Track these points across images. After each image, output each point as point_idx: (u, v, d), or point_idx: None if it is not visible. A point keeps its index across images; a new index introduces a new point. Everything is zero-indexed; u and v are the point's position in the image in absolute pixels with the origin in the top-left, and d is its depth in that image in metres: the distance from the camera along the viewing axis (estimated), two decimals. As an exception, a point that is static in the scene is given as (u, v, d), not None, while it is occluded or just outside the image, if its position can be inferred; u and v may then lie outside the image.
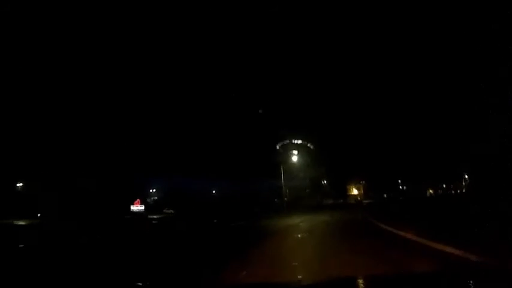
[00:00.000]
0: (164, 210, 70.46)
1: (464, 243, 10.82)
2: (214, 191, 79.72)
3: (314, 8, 58.33)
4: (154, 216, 59.08)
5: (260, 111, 55.11)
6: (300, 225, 27.17)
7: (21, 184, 54.62)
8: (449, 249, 11.04)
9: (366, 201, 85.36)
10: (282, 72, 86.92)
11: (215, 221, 38.38)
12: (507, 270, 6.38)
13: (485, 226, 14.22)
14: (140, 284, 7.89)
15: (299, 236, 20.00)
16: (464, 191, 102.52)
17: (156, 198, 78.82)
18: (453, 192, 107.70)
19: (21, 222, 40.52)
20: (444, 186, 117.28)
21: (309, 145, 76.83)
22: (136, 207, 55.86)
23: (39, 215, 49.28)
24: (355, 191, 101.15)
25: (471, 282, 3.60)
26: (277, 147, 73.22)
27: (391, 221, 21.14)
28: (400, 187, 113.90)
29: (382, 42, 71.49)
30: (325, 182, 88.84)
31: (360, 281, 4.34)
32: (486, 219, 16.02)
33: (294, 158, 72.88)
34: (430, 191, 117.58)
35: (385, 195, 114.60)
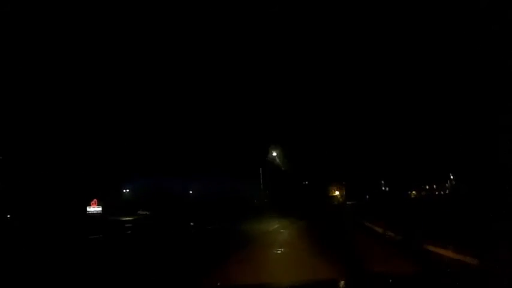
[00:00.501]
0: (139, 212, 67.28)
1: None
2: (191, 191, 76.84)
3: (314, 8, 56.55)
4: (128, 218, 55.29)
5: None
6: (281, 233, 22.74)
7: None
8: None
9: (350, 203, 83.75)
10: (271, 72, 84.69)
11: (192, 223, 35.20)
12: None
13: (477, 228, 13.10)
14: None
15: (278, 251, 14.72)
16: (447, 192, 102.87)
17: (130, 198, 75.11)
18: (436, 193, 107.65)
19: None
20: (427, 187, 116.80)
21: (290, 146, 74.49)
22: (93, 209, 50.37)
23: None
24: (336, 192, 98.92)
25: None
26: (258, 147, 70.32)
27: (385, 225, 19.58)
28: (383, 188, 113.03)
29: (368, 45, 70.67)
30: (306, 182, 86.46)
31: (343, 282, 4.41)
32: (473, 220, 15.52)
33: (276, 159, 70.08)
34: (414, 192, 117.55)
35: (367, 197, 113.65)
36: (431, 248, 11.84)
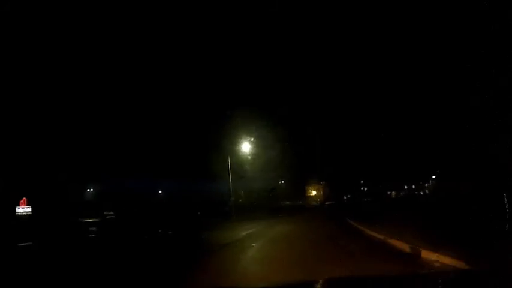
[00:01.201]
0: (105, 213, 63.05)
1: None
2: (160, 191, 72.06)
3: (313, 9, 55.33)
4: (90, 220, 50.92)
5: (228, 112, 49.11)
6: (248, 249, 14.66)
7: None
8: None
9: (328, 203, 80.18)
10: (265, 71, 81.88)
11: (160, 230, 30.70)
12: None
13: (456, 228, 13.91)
14: None
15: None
16: (427, 192, 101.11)
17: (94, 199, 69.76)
18: (416, 193, 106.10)
19: None
20: (406, 187, 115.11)
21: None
22: (22, 209, 43.40)
23: None
24: (314, 192, 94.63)
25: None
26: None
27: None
28: (362, 188, 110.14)
29: (358, 46, 72.58)
30: (282, 182, 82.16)
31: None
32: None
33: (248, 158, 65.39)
34: (393, 192, 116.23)
35: (345, 197, 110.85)
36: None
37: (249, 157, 50.74)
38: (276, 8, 44.80)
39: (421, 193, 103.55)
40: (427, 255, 9.97)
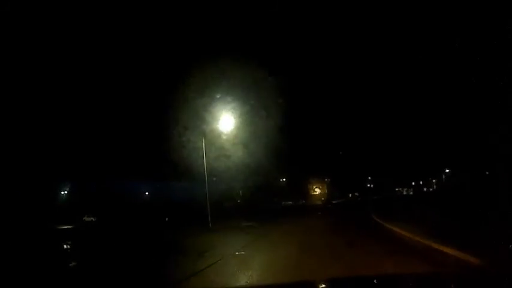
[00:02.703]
0: (84, 218, 56.28)
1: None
2: (147, 193, 64.45)
3: (313, 9, 52.09)
4: (66, 227, 46.13)
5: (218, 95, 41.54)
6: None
7: None
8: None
9: (334, 202, 72.92)
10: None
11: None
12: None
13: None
14: None
15: None
16: (435, 188, 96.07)
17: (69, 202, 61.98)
18: (425, 189, 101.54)
19: None
20: (413, 184, 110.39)
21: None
22: None
23: None
24: (317, 191, 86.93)
25: None
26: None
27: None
28: (368, 185, 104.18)
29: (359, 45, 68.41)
30: (283, 180, 74.40)
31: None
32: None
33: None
34: (405, 188, 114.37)
35: (350, 195, 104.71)
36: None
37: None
38: (276, 8, 42.39)
39: (430, 189, 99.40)
40: None
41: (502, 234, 9.85)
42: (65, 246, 23.76)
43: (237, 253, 13.69)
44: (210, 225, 29.56)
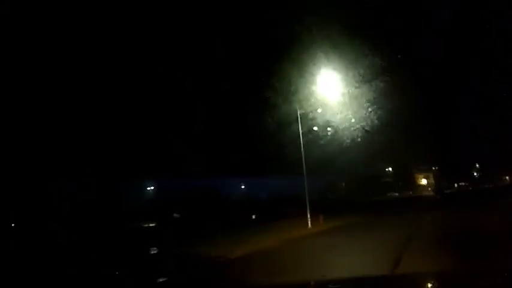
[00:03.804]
0: (174, 215, 54.49)
1: None
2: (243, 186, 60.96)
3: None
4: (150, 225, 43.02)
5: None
6: None
7: None
8: None
9: (447, 192, 65.81)
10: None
11: None
12: None
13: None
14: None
15: None
16: None
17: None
18: None
19: None
20: None
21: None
22: None
23: None
24: (424, 181, 79.55)
25: None
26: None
27: None
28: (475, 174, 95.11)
29: None
30: (390, 169, 68.13)
31: None
32: None
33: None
34: (506, 177, 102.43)
35: (456, 185, 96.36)
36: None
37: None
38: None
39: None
40: None
41: None
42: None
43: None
44: (309, 224, 24.80)
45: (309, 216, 25.29)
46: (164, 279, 11.20)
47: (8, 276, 11.47)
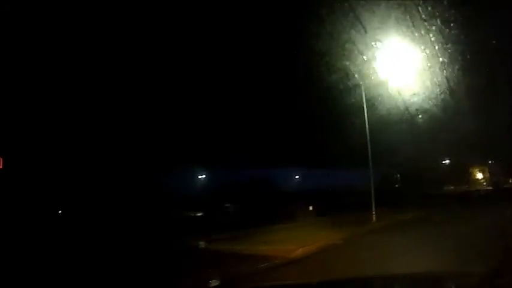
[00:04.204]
0: (226, 205, 53.64)
1: None
2: (297, 176, 59.19)
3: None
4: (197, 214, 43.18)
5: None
6: None
7: None
8: None
9: (506, 187, 62.36)
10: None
11: None
12: None
13: None
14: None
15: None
16: None
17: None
18: None
19: None
20: None
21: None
22: None
23: None
24: (479, 175, 76.03)
25: None
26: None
27: None
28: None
29: None
30: (446, 162, 65.43)
31: None
32: None
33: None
34: None
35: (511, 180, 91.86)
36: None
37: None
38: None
39: None
40: None
41: None
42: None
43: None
44: (374, 218, 23.13)
45: (373, 208, 24.17)
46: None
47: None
